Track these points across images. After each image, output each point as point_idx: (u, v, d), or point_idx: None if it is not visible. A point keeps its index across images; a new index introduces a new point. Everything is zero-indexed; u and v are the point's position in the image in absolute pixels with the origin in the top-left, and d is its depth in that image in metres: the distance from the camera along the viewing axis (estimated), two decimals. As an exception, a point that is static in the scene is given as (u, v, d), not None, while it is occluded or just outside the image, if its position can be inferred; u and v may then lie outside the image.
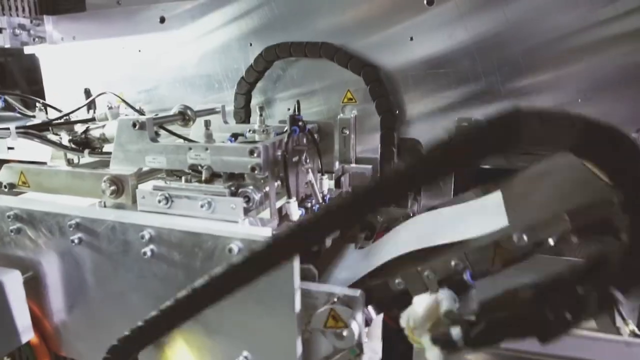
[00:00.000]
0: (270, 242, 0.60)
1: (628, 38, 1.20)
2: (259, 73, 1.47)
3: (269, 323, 0.81)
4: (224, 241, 0.80)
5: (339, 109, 1.46)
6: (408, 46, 1.36)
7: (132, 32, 1.74)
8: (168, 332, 0.78)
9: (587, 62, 1.25)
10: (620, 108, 1.25)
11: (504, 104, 1.34)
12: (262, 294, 0.80)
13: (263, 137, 1.08)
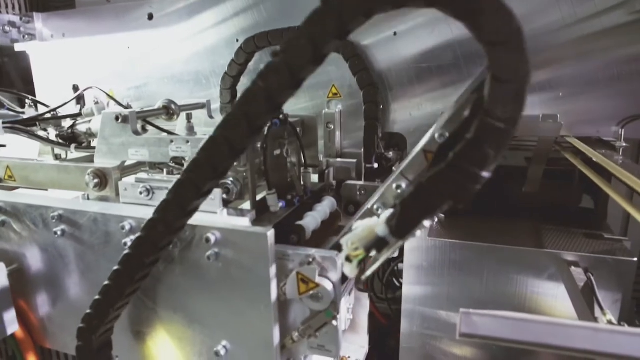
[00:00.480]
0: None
1: (608, 34, 1.22)
2: (241, 66, 1.47)
3: (247, 312, 0.82)
4: (202, 231, 0.81)
5: (324, 105, 1.47)
6: (392, 41, 1.37)
7: (121, 29, 1.75)
8: (121, 300, 0.79)
9: (569, 59, 1.26)
10: (603, 103, 1.27)
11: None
12: (239, 283, 0.81)
13: (246, 131, 1.09)
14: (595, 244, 1.27)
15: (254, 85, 0.54)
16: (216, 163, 0.60)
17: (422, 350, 1.41)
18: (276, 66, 0.52)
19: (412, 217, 0.50)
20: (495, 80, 0.41)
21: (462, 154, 0.45)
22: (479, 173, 0.45)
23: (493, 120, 0.42)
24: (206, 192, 0.65)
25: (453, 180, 0.46)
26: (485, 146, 0.44)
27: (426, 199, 0.49)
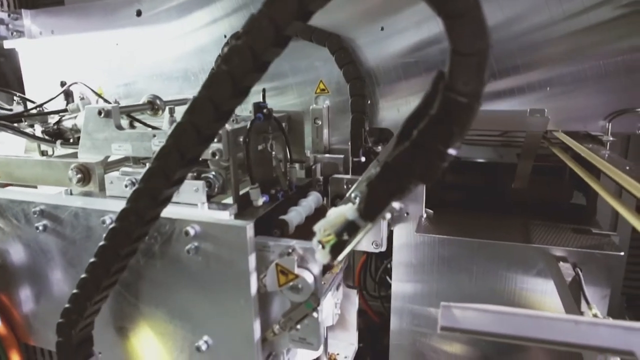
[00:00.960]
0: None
1: (595, 30, 1.22)
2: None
3: (227, 306, 0.81)
4: (181, 224, 0.80)
5: (312, 102, 1.46)
6: (379, 36, 1.37)
7: (109, 26, 1.74)
8: (98, 293, 0.78)
9: (557, 55, 1.26)
10: (590, 98, 1.27)
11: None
12: (219, 277, 0.80)
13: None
14: (583, 239, 1.27)
15: (218, 68, 0.54)
16: (184, 150, 0.59)
17: (412, 348, 1.41)
18: (238, 49, 0.51)
19: (379, 198, 0.49)
20: (455, 53, 0.41)
21: (425, 131, 0.44)
22: (444, 150, 0.44)
23: (455, 94, 0.41)
24: (177, 181, 0.64)
25: (418, 159, 0.45)
26: (449, 122, 0.43)
27: (392, 179, 0.48)
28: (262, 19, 0.50)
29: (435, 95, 0.44)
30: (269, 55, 0.53)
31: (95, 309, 0.82)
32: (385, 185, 0.48)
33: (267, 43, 0.51)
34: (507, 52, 1.30)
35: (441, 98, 0.42)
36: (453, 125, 0.43)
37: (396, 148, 0.47)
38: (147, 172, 0.64)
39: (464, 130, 0.43)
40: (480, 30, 0.40)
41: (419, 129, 0.44)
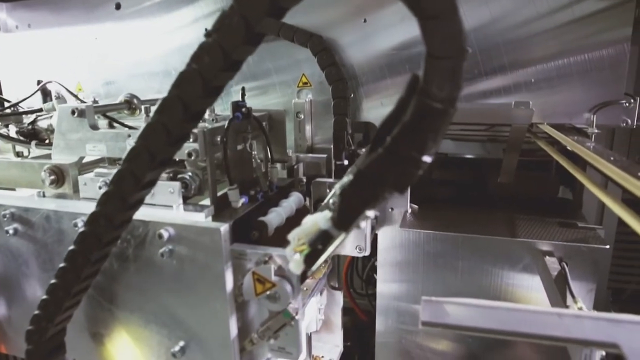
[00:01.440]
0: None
1: (579, 23, 1.22)
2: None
3: (203, 311, 0.79)
4: (155, 227, 0.78)
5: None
6: (362, 35, 1.35)
7: (88, 20, 1.70)
8: (68, 299, 0.75)
9: (542, 49, 1.26)
10: (575, 90, 1.27)
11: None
12: (194, 281, 0.78)
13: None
14: (569, 232, 1.27)
15: (187, 67, 0.51)
16: (154, 151, 0.57)
17: (398, 345, 1.40)
18: (208, 47, 0.49)
19: (352, 207, 0.47)
20: (430, 56, 0.38)
21: (399, 138, 0.42)
22: (418, 158, 0.42)
23: (429, 100, 0.39)
24: (148, 184, 0.61)
25: (391, 166, 0.43)
26: (423, 129, 0.40)
27: (365, 187, 0.46)
28: (233, 15, 0.48)
29: (409, 100, 0.41)
30: (241, 53, 0.50)
31: (67, 315, 0.79)
32: (358, 194, 0.46)
33: (238, 41, 0.49)
34: (493, 48, 1.29)
35: (415, 103, 0.40)
36: (427, 131, 0.41)
37: (369, 155, 0.44)
38: (117, 174, 0.61)
39: (438, 137, 0.41)
40: (456, 32, 0.38)
41: (392, 136, 0.42)
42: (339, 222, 0.49)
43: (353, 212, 0.48)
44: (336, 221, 0.49)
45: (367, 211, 0.47)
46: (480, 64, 1.31)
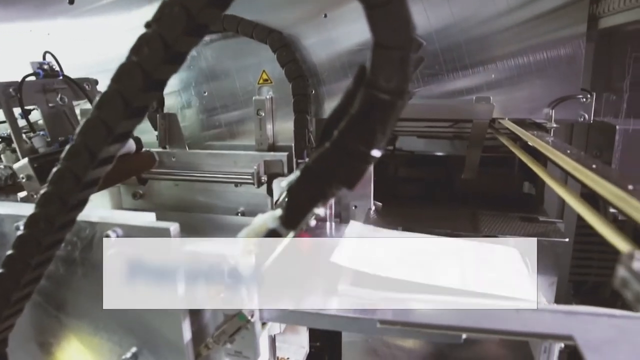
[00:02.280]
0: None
1: (539, 20, 1.25)
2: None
3: (155, 316, 0.75)
4: (102, 228, 0.74)
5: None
6: (322, 23, 1.33)
7: (40, 15, 1.62)
8: (8, 307, 0.70)
9: (502, 45, 1.29)
10: (534, 85, 1.30)
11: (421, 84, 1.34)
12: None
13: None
14: (530, 227, 1.28)
15: (127, 60, 0.48)
16: (94, 148, 0.53)
17: (365, 344, 1.39)
18: (148, 38, 0.46)
19: (299, 204, 0.45)
20: (378, 46, 0.37)
21: (346, 131, 0.40)
22: (367, 152, 0.40)
23: (377, 91, 0.37)
24: (90, 183, 0.58)
25: (339, 161, 0.41)
26: (371, 121, 0.39)
27: (312, 184, 0.44)
28: (173, 4, 0.45)
29: (357, 92, 0.40)
30: (183, 45, 0.47)
31: (8, 324, 0.74)
32: (305, 191, 0.44)
33: (179, 31, 0.46)
34: (455, 46, 1.30)
35: (362, 95, 0.39)
36: (375, 124, 0.39)
37: (317, 150, 0.42)
38: (55, 173, 0.57)
39: (387, 130, 0.39)
40: (404, 21, 0.36)
41: (340, 129, 0.41)
42: (287, 221, 0.47)
43: (301, 209, 0.46)
44: (284, 220, 0.47)
45: (315, 208, 0.45)
46: (442, 62, 1.32)
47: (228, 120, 1.48)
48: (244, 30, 1.32)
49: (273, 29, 1.32)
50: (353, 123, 0.40)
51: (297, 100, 1.31)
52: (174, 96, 1.51)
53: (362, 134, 0.40)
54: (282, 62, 1.32)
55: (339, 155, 0.41)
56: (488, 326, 0.69)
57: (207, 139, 1.51)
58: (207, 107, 1.50)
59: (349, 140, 0.40)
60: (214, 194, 1.40)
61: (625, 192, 0.60)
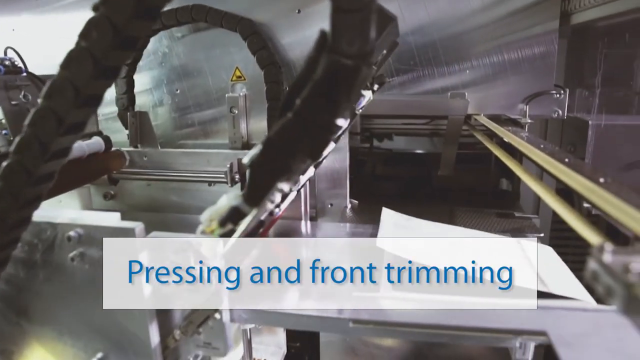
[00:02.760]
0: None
1: (512, 17, 1.27)
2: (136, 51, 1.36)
3: (121, 317, 0.72)
4: (63, 229, 0.70)
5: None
6: (296, 19, 1.31)
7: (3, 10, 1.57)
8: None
9: (477, 42, 1.30)
10: (509, 82, 1.31)
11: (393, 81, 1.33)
12: (111, 285, 0.71)
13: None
14: (506, 222, 1.28)
15: (76, 45, 0.45)
16: (45, 139, 0.50)
17: (343, 343, 1.37)
18: (96, 21, 0.43)
19: (262, 179, 0.43)
20: (337, 10, 0.35)
21: (309, 99, 0.38)
22: (331, 120, 0.38)
23: (339, 56, 0.36)
24: (43, 178, 0.55)
25: (302, 132, 0.39)
26: (334, 88, 0.37)
27: (275, 156, 0.41)
28: None
29: (318, 59, 0.38)
30: (134, 29, 0.45)
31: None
32: (267, 164, 0.42)
33: (129, 13, 0.43)
34: (430, 44, 1.30)
35: (324, 61, 0.37)
36: (339, 91, 0.37)
37: (278, 121, 0.40)
38: (5, 168, 0.54)
39: (352, 96, 0.38)
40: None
41: (302, 98, 0.39)
42: (249, 197, 0.45)
43: (263, 185, 0.44)
44: (246, 196, 0.45)
45: (279, 183, 0.43)
46: (417, 60, 1.31)
47: (201, 118, 1.45)
48: (213, 19, 1.29)
49: (243, 17, 1.29)
50: (316, 91, 0.38)
51: (270, 88, 1.29)
52: (146, 94, 1.47)
53: (325, 101, 0.38)
54: (253, 50, 1.30)
55: (302, 126, 0.40)
56: (460, 323, 0.68)
57: (180, 137, 1.48)
58: (180, 106, 1.47)
59: (312, 109, 0.39)
60: (187, 193, 1.37)
61: (596, 185, 0.59)
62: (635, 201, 0.51)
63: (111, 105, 1.45)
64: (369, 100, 0.79)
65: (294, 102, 0.39)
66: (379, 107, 1.37)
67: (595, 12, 1.16)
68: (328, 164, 1.31)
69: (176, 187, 1.38)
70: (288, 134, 0.40)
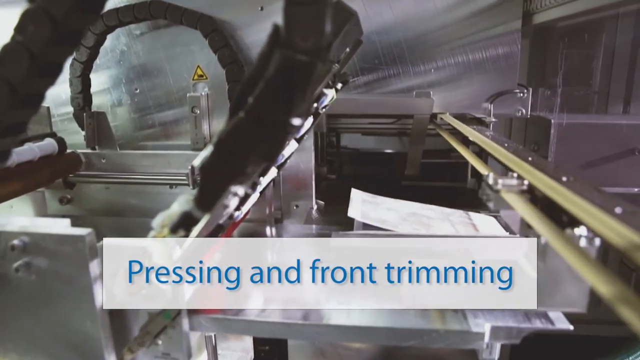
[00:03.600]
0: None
1: (475, 18, 1.27)
2: (91, 49, 1.30)
3: (72, 331, 0.68)
4: (7, 237, 0.65)
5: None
6: (259, 17, 1.28)
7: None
8: None
9: (441, 42, 1.30)
10: (473, 81, 1.32)
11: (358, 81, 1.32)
12: (59, 298, 0.67)
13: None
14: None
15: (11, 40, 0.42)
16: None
17: (311, 346, 1.35)
18: (32, 13, 0.40)
19: (214, 183, 0.41)
20: (290, 2, 0.33)
21: (262, 98, 0.36)
22: (286, 119, 0.36)
23: (293, 52, 0.33)
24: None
25: (255, 132, 0.37)
26: (289, 85, 0.35)
27: (227, 159, 0.39)
28: None
29: (271, 55, 0.35)
30: (74, 22, 0.42)
31: None
32: (219, 167, 0.40)
33: (68, 5, 0.40)
34: (395, 44, 1.30)
35: (277, 57, 0.35)
36: (294, 88, 0.35)
37: (229, 121, 0.38)
38: None
39: (307, 94, 0.36)
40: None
41: (255, 96, 0.36)
42: (200, 202, 0.42)
43: (215, 189, 0.41)
44: (198, 201, 0.42)
45: (233, 187, 0.41)
46: (382, 60, 1.31)
47: (162, 119, 1.40)
48: (172, 16, 1.24)
49: (204, 14, 1.25)
50: (269, 88, 0.36)
51: (232, 88, 1.25)
52: (104, 94, 1.41)
53: (279, 100, 0.36)
54: (214, 48, 1.26)
55: (255, 126, 0.37)
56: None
57: (141, 139, 1.43)
58: (140, 106, 1.41)
59: (265, 108, 0.36)
60: (148, 196, 1.32)
61: (558, 183, 0.59)
62: (597, 200, 0.50)
63: (66, 105, 1.38)
64: (332, 99, 0.77)
65: (245, 100, 0.37)
66: (345, 106, 1.36)
67: (556, 12, 1.17)
68: (293, 164, 1.29)
69: (136, 190, 1.33)
70: (240, 134, 0.38)
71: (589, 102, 1.48)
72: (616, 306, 0.32)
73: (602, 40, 1.44)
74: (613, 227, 0.40)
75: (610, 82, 1.46)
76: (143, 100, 1.41)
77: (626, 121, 1.29)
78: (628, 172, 1.29)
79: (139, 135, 1.43)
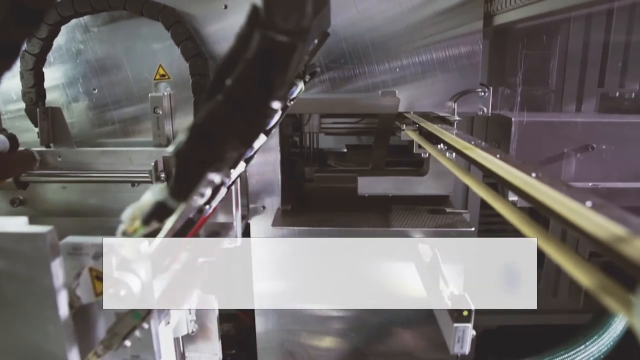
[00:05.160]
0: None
1: (439, 18, 1.30)
2: (44, 41, 1.23)
3: (33, 336, 0.64)
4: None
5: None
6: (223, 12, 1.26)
7: None
8: None
9: (405, 42, 1.31)
10: (437, 80, 1.34)
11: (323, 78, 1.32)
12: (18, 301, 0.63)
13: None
14: (438, 219, 1.31)
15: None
16: None
17: (281, 348, 1.34)
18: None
19: (190, 170, 0.39)
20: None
21: (241, 80, 0.34)
22: (265, 103, 0.35)
23: (273, 32, 0.32)
24: None
25: (233, 115, 0.35)
26: (268, 67, 0.33)
27: (203, 144, 0.37)
28: None
29: (250, 35, 0.34)
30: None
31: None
32: (195, 153, 0.38)
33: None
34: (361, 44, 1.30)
35: (257, 38, 0.33)
36: (274, 70, 0.34)
37: (206, 105, 0.36)
38: None
39: (287, 77, 0.34)
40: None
41: (233, 78, 0.35)
42: (175, 190, 0.40)
43: (191, 176, 0.39)
44: (173, 189, 0.40)
45: (210, 174, 0.39)
46: (348, 58, 1.31)
47: (122, 116, 1.35)
48: (132, 7, 1.19)
49: (166, 5, 1.21)
50: (248, 70, 0.34)
51: (196, 81, 1.22)
52: (58, 90, 1.35)
53: (259, 82, 0.35)
54: (177, 40, 1.21)
55: (233, 109, 0.36)
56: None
57: (99, 136, 1.37)
58: (98, 104, 1.36)
59: (244, 90, 0.35)
60: (109, 195, 1.27)
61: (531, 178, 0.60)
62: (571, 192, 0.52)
63: (18, 102, 1.31)
64: (301, 90, 0.76)
65: (223, 83, 0.35)
66: (309, 106, 1.35)
67: (515, 14, 1.21)
68: (259, 164, 1.27)
69: (95, 189, 1.28)
70: (218, 118, 0.36)
71: (546, 101, 1.54)
72: (599, 295, 0.32)
73: (557, 41, 1.50)
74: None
75: (564, 82, 1.52)
76: (101, 98, 1.35)
77: (581, 119, 1.35)
78: (584, 167, 1.34)
79: (97, 132, 1.37)
